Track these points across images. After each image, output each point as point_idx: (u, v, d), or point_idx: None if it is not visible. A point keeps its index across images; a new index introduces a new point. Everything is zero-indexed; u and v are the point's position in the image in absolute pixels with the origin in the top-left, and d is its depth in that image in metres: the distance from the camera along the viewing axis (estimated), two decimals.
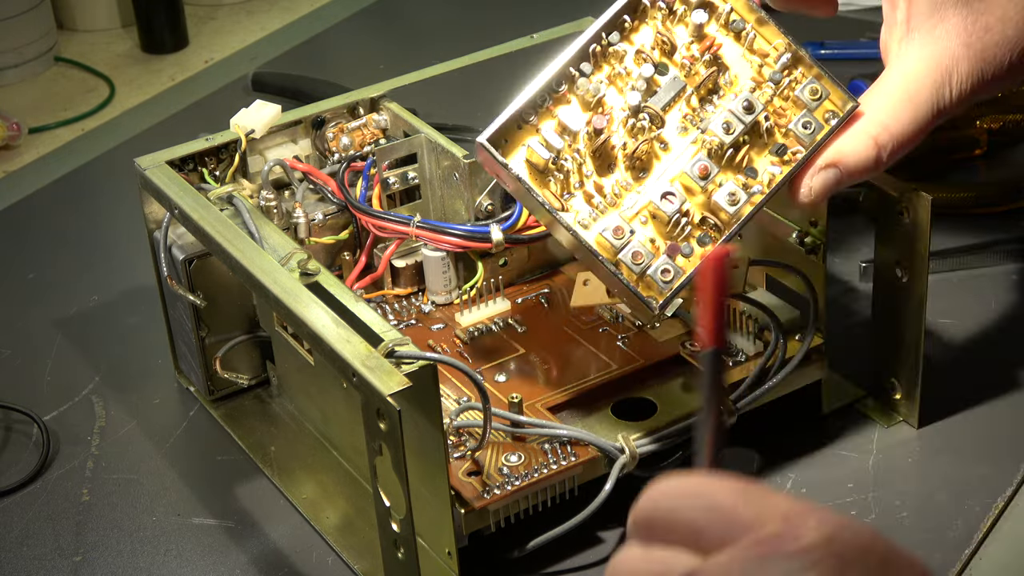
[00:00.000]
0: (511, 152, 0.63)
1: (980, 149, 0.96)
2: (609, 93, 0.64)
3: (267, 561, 0.69)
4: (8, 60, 1.19)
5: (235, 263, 0.68)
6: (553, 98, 0.64)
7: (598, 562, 0.68)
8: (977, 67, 0.59)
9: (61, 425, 0.78)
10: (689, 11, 0.64)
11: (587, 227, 0.64)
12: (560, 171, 0.64)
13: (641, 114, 0.64)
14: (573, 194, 0.64)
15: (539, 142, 0.63)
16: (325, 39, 1.24)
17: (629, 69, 0.64)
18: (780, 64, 0.64)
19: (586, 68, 0.64)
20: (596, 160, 0.64)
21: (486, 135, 0.63)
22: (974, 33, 0.59)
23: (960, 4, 0.59)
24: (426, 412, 0.61)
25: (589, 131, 0.64)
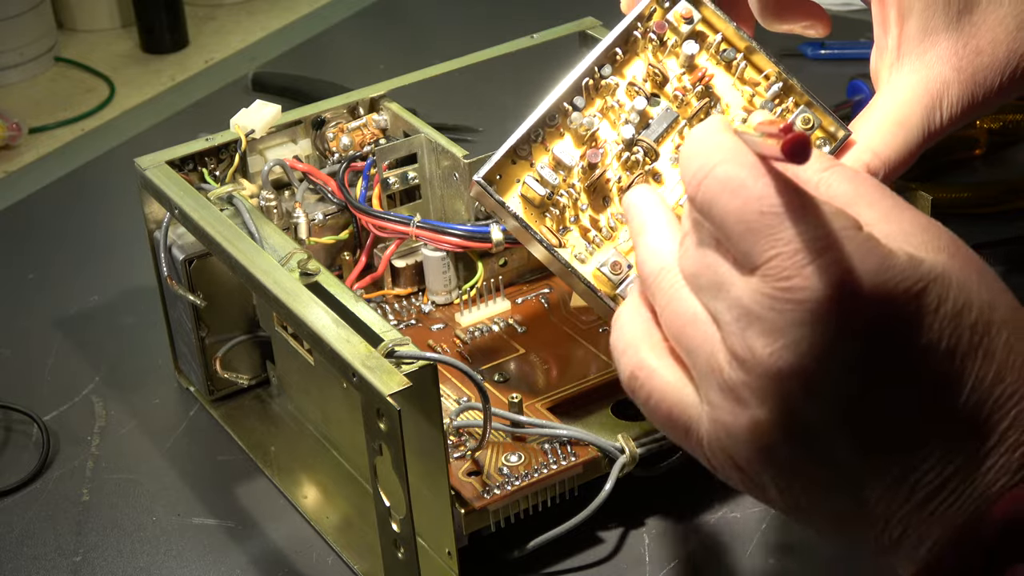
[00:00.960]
0: (506, 188, 0.63)
1: (980, 149, 0.96)
2: (603, 127, 0.64)
3: (267, 561, 0.69)
4: (8, 60, 1.19)
5: (235, 263, 0.68)
6: (546, 133, 0.64)
7: (598, 562, 0.68)
8: (968, 90, 0.60)
9: (61, 425, 0.78)
10: (680, 42, 0.64)
11: (584, 261, 0.64)
12: (556, 206, 0.64)
13: (635, 147, 0.64)
14: (569, 228, 0.64)
15: (534, 178, 0.63)
16: (325, 39, 1.24)
17: (622, 102, 0.64)
18: (771, 93, 0.65)
19: (579, 102, 0.64)
20: (591, 194, 0.64)
21: (481, 173, 0.63)
22: (965, 57, 0.59)
23: (951, 29, 0.59)
24: (426, 412, 0.61)
25: (583, 165, 0.64)
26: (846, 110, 0.99)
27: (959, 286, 0.46)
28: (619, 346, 0.53)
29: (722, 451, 0.49)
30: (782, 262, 0.45)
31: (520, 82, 0.89)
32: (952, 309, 0.46)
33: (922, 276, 0.46)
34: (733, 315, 0.47)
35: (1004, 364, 0.46)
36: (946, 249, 0.47)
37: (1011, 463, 0.46)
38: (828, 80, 1.01)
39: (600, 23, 0.86)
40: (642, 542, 0.69)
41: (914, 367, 0.46)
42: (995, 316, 0.46)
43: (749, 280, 0.46)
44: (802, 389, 0.46)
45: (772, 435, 0.47)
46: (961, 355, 0.46)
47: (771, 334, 0.45)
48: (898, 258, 0.46)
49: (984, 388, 0.46)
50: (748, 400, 0.47)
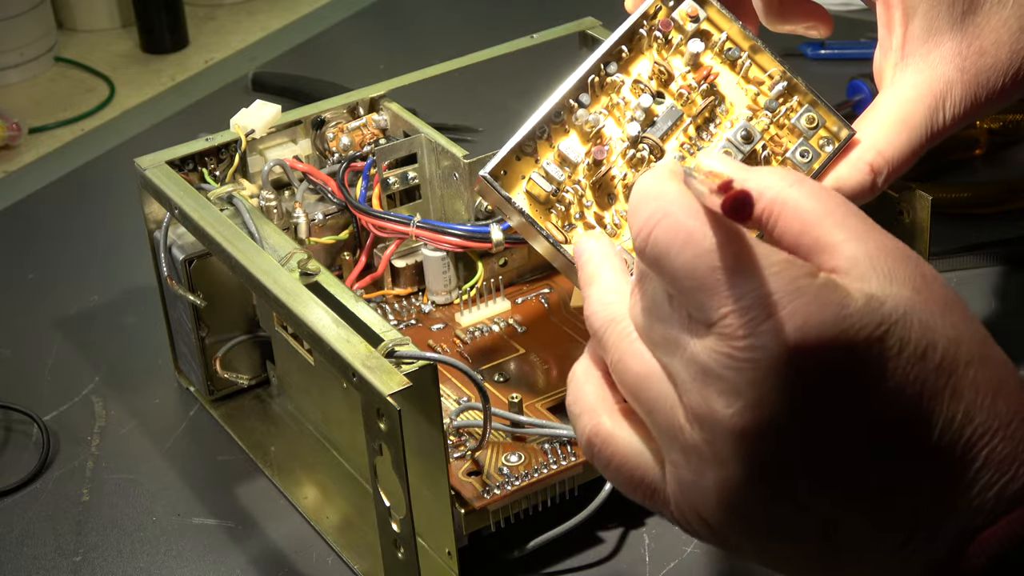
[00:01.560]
0: (511, 184, 0.63)
1: (980, 149, 0.96)
2: (608, 124, 0.64)
3: (267, 561, 0.69)
4: (8, 60, 1.19)
5: (235, 263, 0.68)
6: (552, 130, 0.64)
7: (598, 562, 0.68)
8: (971, 91, 0.60)
9: (61, 425, 0.78)
10: (685, 40, 0.64)
11: None
12: (561, 203, 0.64)
13: (640, 144, 0.64)
14: (574, 225, 0.64)
15: (540, 174, 0.63)
16: (325, 39, 1.24)
17: (627, 99, 0.64)
18: (775, 92, 0.64)
19: (585, 99, 0.64)
20: (596, 191, 0.64)
21: (487, 169, 0.62)
22: (968, 57, 0.59)
23: (955, 29, 0.59)
24: (426, 412, 0.61)
25: (589, 162, 0.64)
26: (846, 110, 1.00)
27: (922, 325, 0.45)
28: (574, 410, 0.52)
29: (690, 509, 0.48)
30: (736, 319, 0.44)
31: (520, 82, 0.89)
32: (915, 351, 0.45)
33: (882, 319, 0.44)
34: (690, 373, 0.46)
35: (972, 403, 0.45)
36: (911, 280, 0.46)
37: (985, 503, 0.45)
38: (828, 80, 1.01)
39: (600, 23, 0.86)
40: (642, 542, 0.69)
41: (880, 414, 0.45)
42: (960, 353, 0.45)
43: (704, 340, 0.45)
44: (766, 447, 0.45)
45: (740, 493, 0.46)
46: (928, 398, 0.45)
47: (730, 394, 0.45)
48: (855, 303, 0.44)
49: (954, 429, 0.45)
50: (712, 460, 0.46)
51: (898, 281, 0.46)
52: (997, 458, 0.45)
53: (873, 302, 0.45)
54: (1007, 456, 0.45)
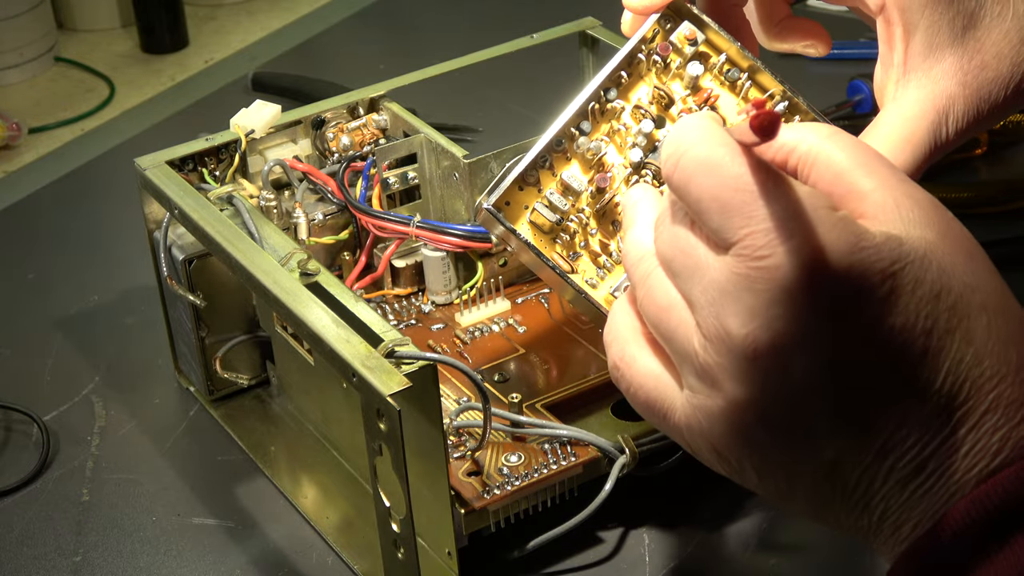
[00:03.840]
0: (514, 215, 0.63)
1: (980, 149, 0.96)
2: (610, 151, 0.64)
3: (267, 561, 0.69)
4: (8, 60, 1.19)
5: (235, 263, 0.68)
6: (554, 158, 0.64)
7: (598, 562, 0.68)
8: (973, 105, 0.60)
9: (61, 425, 0.78)
10: (684, 63, 0.64)
11: (595, 287, 0.64)
12: (566, 232, 0.64)
13: (643, 170, 0.64)
14: (579, 254, 0.64)
15: (544, 204, 0.63)
16: (325, 39, 1.24)
17: (628, 125, 0.64)
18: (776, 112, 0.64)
19: (586, 127, 0.64)
20: (600, 219, 0.64)
21: (491, 201, 0.62)
22: (970, 72, 0.60)
23: (955, 44, 0.59)
24: (426, 412, 0.61)
25: (592, 190, 0.64)
26: (846, 110, 1.00)
27: (940, 268, 0.47)
28: (607, 339, 0.55)
29: (700, 435, 0.49)
30: (755, 240, 0.46)
31: (520, 82, 0.89)
32: (930, 291, 0.46)
33: (899, 257, 0.46)
34: (708, 297, 0.47)
35: (983, 348, 0.47)
36: (935, 226, 0.48)
37: (989, 446, 0.46)
38: (828, 80, 1.01)
39: (600, 23, 0.86)
40: (642, 542, 0.69)
41: (888, 346, 0.46)
42: (976, 299, 0.47)
43: (723, 259, 0.47)
44: (777, 368, 0.46)
45: (748, 415, 0.47)
46: (938, 336, 0.46)
47: (745, 314, 0.46)
48: (873, 237, 0.46)
49: (961, 370, 0.46)
50: (723, 382, 0.47)
51: (922, 226, 0.47)
52: (1004, 402, 0.46)
53: (892, 241, 0.46)
54: (1015, 401, 0.46)
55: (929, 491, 0.47)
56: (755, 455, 0.49)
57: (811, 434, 0.47)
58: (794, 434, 0.47)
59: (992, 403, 0.46)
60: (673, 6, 0.64)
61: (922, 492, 0.47)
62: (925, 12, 0.59)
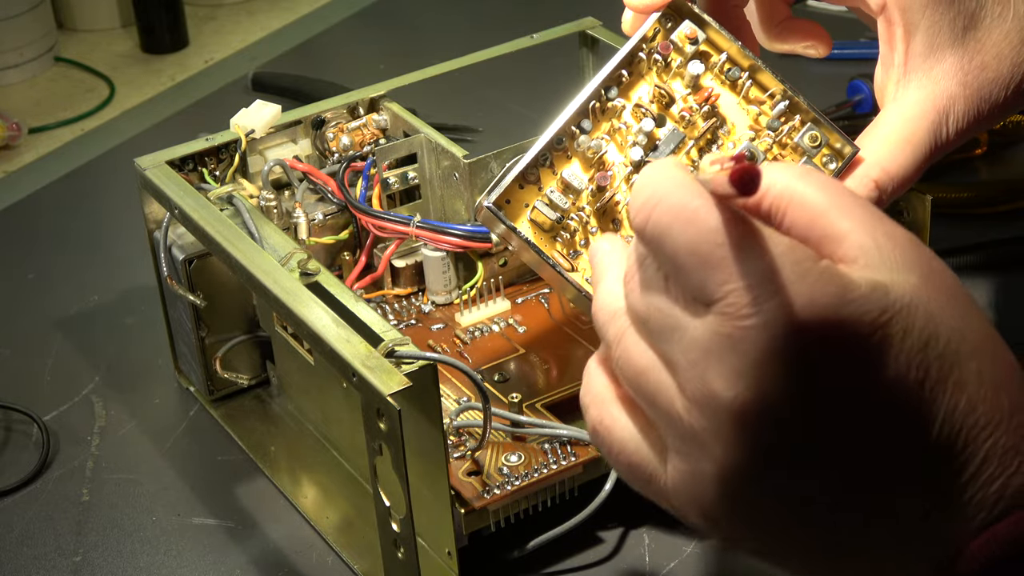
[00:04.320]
0: (515, 214, 0.63)
1: (980, 149, 0.96)
2: (610, 149, 0.64)
3: (267, 561, 0.69)
4: (8, 60, 1.19)
5: (235, 263, 0.68)
6: (554, 156, 0.64)
7: (598, 562, 0.68)
8: (973, 105, 0.60)
9: (61, 425, 0.78)
10: (685, 62, 0.64)
11: None
12: (566, 230, 0.64)
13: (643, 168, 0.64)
14: (580, 252, 0.64)
15: (544, 202, 0.63)
16: (325, 39, 1.24)
17: (629, 124, 0.64)
18: (777, 111, 0.64)
19: (586, 125, 0.64)
20: (600, 217, 0.64)
21: (491, 199, 0.62)
22: (970, 72, 0.59)
23: (956, 45, 0.59)
24: (426, 412, 0.61)
25: (592, 189, 0.64)
26: (846, 110, 1.00)
27: (927, 315, 0.45)
28: (584, 402, 0.52)
29: (690, 500, 0.47)
30: (739, 298, 0.44)
31: (520, 82, 0.89)
32: (918, 340, 0.45)
33: (887, 306, 0.44)
34: (689, 359, 0.45)
35: (975, 395, 0.45)
36: (917, 268, 0.46)
37: (988, 497, 0.45)
38: (828, 80, 1.01)
39: (600, 23, 0.86)
40: (642, 542, 0.69)
41: (881, 401, 0.45)
42: (964, 345, 0.45)
43: (704, 319, 0.45)
44: (766, 430, 0.44)
45: (740, 479, 0.45)
46: (930, 386, 0.45)
47: (731, 375, 0.44)
48: (859, 288, 0.44)
49: (956, 419, 0.45)
50: (712, 446, 0.45)
51: (905, 270, 0.46)
52: (1000, 451, 0.45)
53: (878, 289, 0.45)
54: (1010, 448, 0.45)
55: (928, 544, 0.46)
56: (746, 516, 0.47)
57: (806, 494, 0.46)
58: (789, 496, 0.46)
59: (988, 452, 0.45)
60: (674, 5, 0.64)
61: (922, 546, 0.46)
62: (926, 12, 0.59)
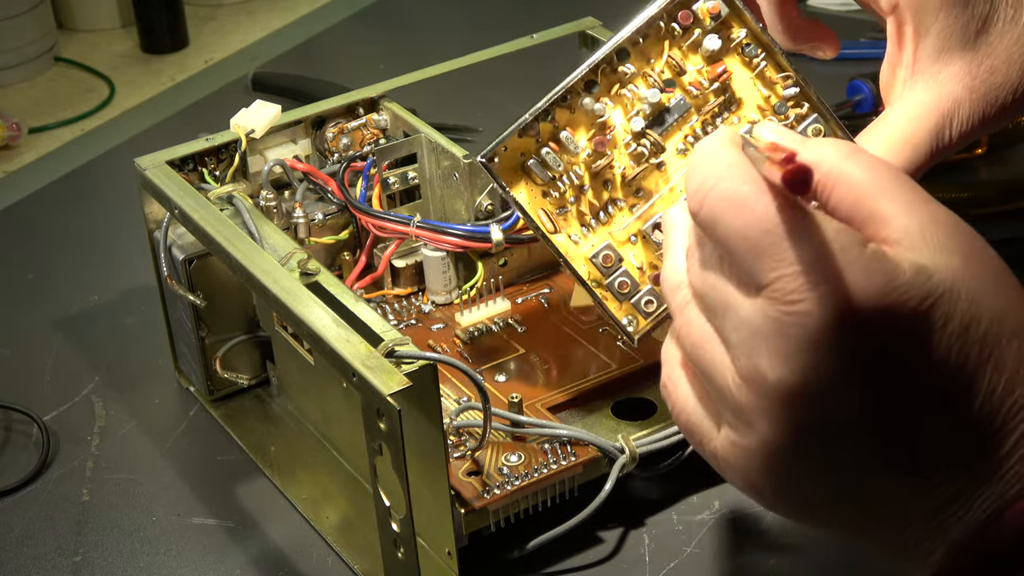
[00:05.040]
0: (510, 161, 0.64)
1: (980, 149, 0.96)
2: (615, 114, 0.64)
3: (267, 561, 0.69)
4: (8, 60, 1.19)
5: (235, 263, 0.68)
6: (557, 113, 0.64)
7: (598, 562, 0.68)
8: (979, 109, 0.60)
9: (61, 425, 0.78)
10: (703, 35, 0.64)
11: (578, 244, 0.65)
12: (557, 189, 0.64)
13: (643, 139, 0.64)
14: (568, 210, 0.64)
15: (538, 159, 0.64)
16: (325, 39, 1.24)
17: (636, 91, 0.64)
18: (787, 94, 0.64)
19: (594, 88, 0.64)
20: (594, 180, 0.64)
21: (483, 153, 0.63)
22: (978, 76, 0.59)
23: (967, 49, 0.59)
24: (426, 412, 0.61)
25: (590, 151, 0.64)
26: (846, 110, 1.00)
27: (968, 298, 0.46)
28: (662, 355, 0.55)
29: (735, 469, 0.50)
30: (787, 284, 0.46)
31: (520, 82, 0.89)
32: (960, 325, 0.46)
33: (929, 292, 0.46)
34: (740, 336, 0.47)
35: (1014, 375, 0.46)
36: (960, 250, 0.47)
37: (1021, 472, 0.46)
38: (828, 80, 1.01)
39: (600, 23, 0.86)
40: (642, 542, 0.69)
41: (922, 385, 0.46)
42: (1006, 326, 0.46)
43: (755, 302, 0.47)
44: (810, 411, 0.46)
45: (783, 456, 0.47)
46: (970, 370, 0.46)
47: (778, 357, 0.46)
48: (904, 274, 0.46)
49: (994, 400, 0.46)
50: (758, 422, 0.47)
51: (948, 252, 0.47)
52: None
53: (921, 274, 0.46)
54: None
55: (962, 520, 0.47)
56: (790, 491, 0.49)
57: (846, 472, 0.47)
58: (828, 473, 0.48)
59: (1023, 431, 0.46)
60: None
61: (955, 520, 0.47)
62: (939, 16, 0.59)
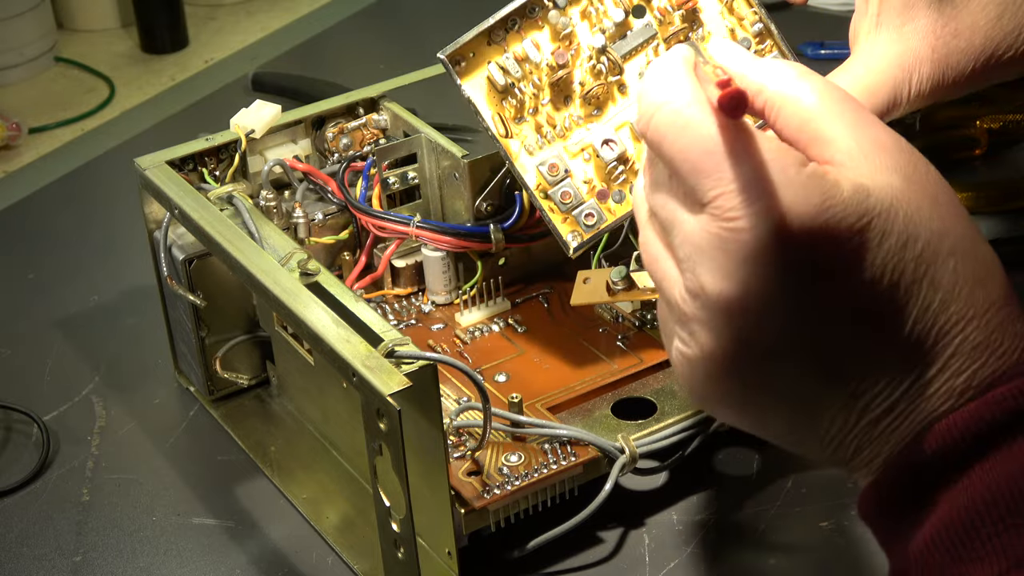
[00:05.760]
0: (474, 68, 0.66)
1: (980, 149, 0.96)
2: (581, 28, 0.66)
3: (267, 561, 0.69)
4: (8, 60, 1.19)
5: (235, 263, 0.68)
6: (524, 24, 0.66)
7: (598, 562, 0.68)
8: (939, 71, 0.61)
9: (61, 425, 0.78)
10: None
11: (532, 153, 0.67)
12: (514, 97, 0.66)
13: (603, 56, 0.66)
14: (525, 120, 0.67)
15: (498, 66, 0.66)
16: (325, 39, 1.24)
17: (603, 9, 0.65)
18: (754, 30, 0.65)
19: (561, 0, 0.65)
20: (553, 91, 0.66)
21: (445, 51, 0.65)
22: (941, 37, 0.60)
23: (932, 6, 0.60)
24: (426, 412, 0.61)
25: (551, 63, 0.65)
26: None
27: (906, 217, 0.47)
28: None
29: (683, 378, 0.51)
30: (725, 201, 0.47)
31: None
32: (896, 243, 0.47)
33: (866, 211, 0.47)
34: (685, 252, 0.49)
35: (950, 293, 0.48)
36: (901, 170, 0.49)
37: (955, 387, 0.48)
38: None
39: None
40: (642, 542, 0.69)
41: (857, 300, 0.47)
42: (944, 245, 0.48)
43: (698, 219, 0.48)
44: (749, 324, 0.48)
45: (723, 366, 0.49)
46: (905, 287, 0.47)
47: (718, 272, 0.48)
48: (840, 192, 0.47)
49: (929, 317, 0.48)
50: (700, 333, 0.49)
51: (889, 172, 0.48)
52: (969, 345, 0.48)
53: (859, 193, 0.47)
54: (979, 344, 0.48)
55: (898, 428, 0.48)
56: (731, 400, 0.51)
57: (783, 384, 0.49)
58: (767, 384, 0.49)
59: (958, 347, 0.48)
60: None
61: (891, 430, 0.48)
62: None
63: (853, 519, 0.68)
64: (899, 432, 0.48)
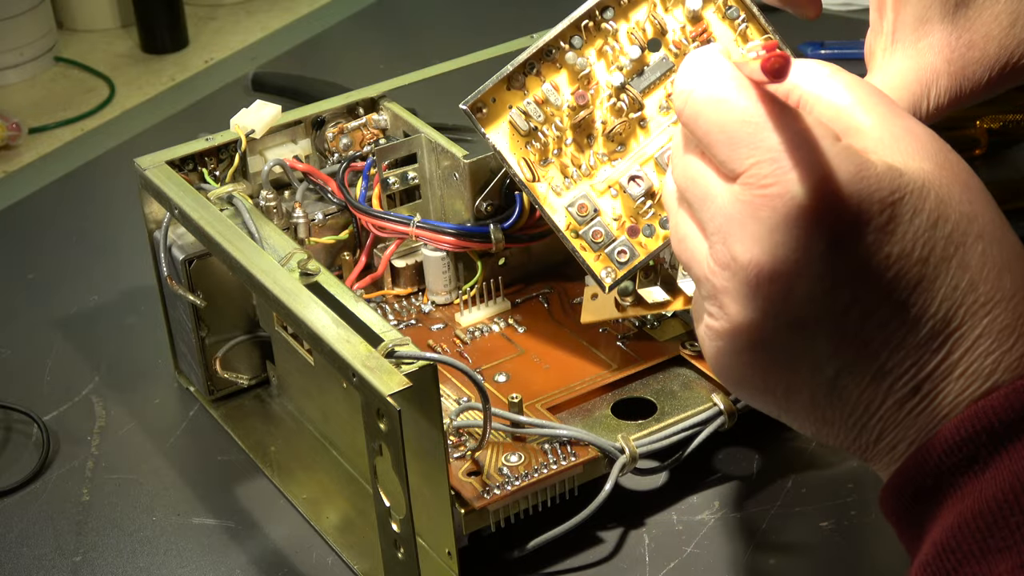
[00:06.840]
0: (496, 115, 0.66)
1: (980, 149, 0.96)
2: (598, 67, 0.66)
3: (267, 561, 0.69)
4: (8, 60, 1.19)
5: (235, 263, 0.68)
6: (543, 67, 0.66)
7: (598, 562, 0.68)
8: (956, 83, 0.61)
9: (61, 425, 0.78)
10: None
11: (559, 194, 0.67)
12: (538, 140, 0.66)
13: (622, 94, 0.66)
14: (551, 161, 0.67)
15: (520, 110, 0.66)
16: (325, 39, 1.24)
17: (618, 47, 0.65)
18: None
19: (577, 42, 0.66)
20: (576, 132, 0.66)
21: (468, 101, 0.66)
22: (957, 49, 0.60)
23: (946, 20, 0.60)
24: (426, 412, 0.61)
25: (572, 104, 0.65)
26: None
27: (937, 198, 0.48)
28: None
29: (711, 355, 0.52)
30: (761, 169, 0.48)
31: None
32: (927, 220, 0.48)
33: (899, 187, 0.48)
34: (716, 224, 0.49)
35: (978, 274, 0.48)
36: (932, 158, 0.49)
37: (982, 369, 0.48)
38: None
39: None
40: (642, 542, 0.69)
41: (886, 273, 0.48)
42: (973, 228, 0.48)
43: (731, 188, 0.49)
44: (778, 291, 0.48)
45: (751, 337, 0.49)
46: (934, 263, 0.48)
47: (750, 239, 0.48)
48: (875, 167, 0.48)
49: (956, 296, 0.48)
50: (729, 304, 0.49)
51: (920, 158, 0.49)
52: (997, 327, 0.48)
53: (892, 171, 0.48)
54: (1007, 326, 0.48)
55: (924, 411, 0.48)
56: (756, 375, 0.51)
57: (811, 357, 0.49)
58: (794, 357, 0.49)
59: (986, 328, 0.48)
60: None
61: (917, 412, 0.49)
62: None
63: (853, 519, 0.68)
64: (924, 416, 0.48)
